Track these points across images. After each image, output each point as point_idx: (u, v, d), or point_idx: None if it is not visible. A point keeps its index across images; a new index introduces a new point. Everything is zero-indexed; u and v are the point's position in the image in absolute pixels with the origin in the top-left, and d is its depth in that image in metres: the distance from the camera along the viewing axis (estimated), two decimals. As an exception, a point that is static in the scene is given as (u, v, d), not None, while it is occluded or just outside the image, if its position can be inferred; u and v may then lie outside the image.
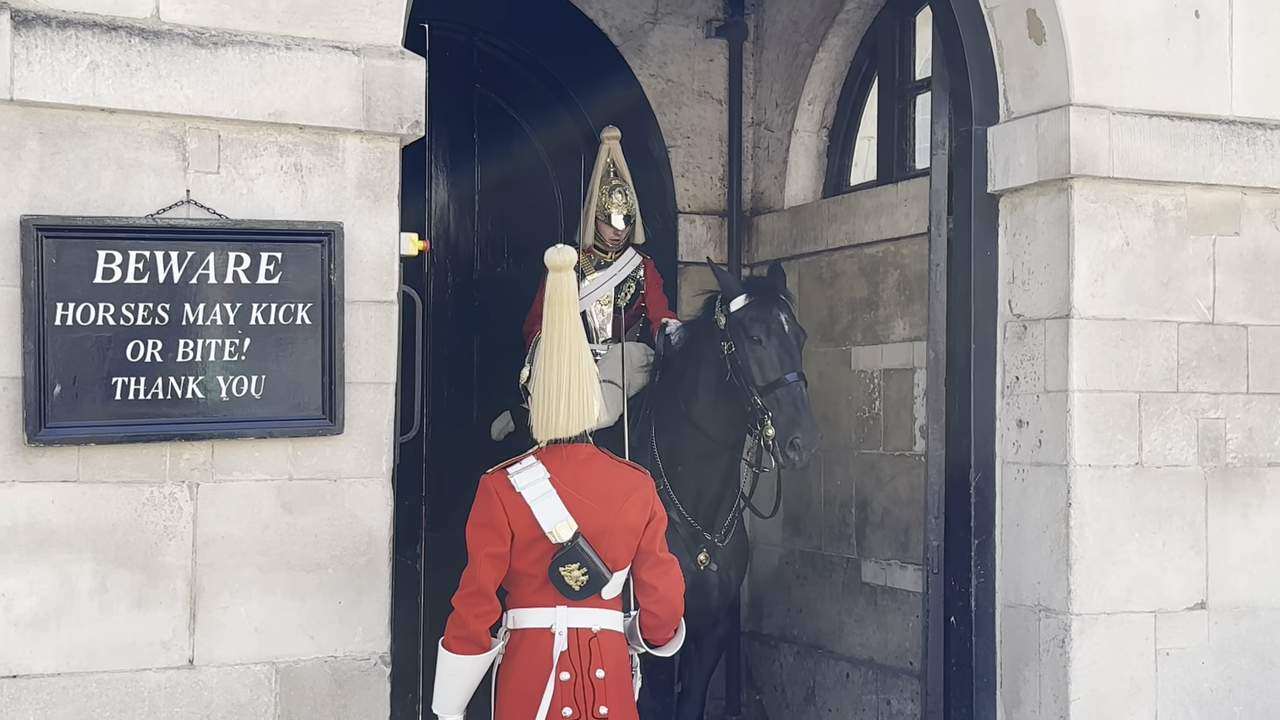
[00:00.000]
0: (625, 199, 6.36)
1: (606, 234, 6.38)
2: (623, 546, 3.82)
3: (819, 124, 7.42)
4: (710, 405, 5.69)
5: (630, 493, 3.86)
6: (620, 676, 3.86)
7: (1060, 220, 5.19)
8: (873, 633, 6.72)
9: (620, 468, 3.95)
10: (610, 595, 3.85)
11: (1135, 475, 5.20)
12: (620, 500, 3.83)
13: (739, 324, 5.59)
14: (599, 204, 6.35)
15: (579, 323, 3.87)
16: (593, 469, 3.85)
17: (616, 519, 3.80)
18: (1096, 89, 5.17)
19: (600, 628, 3.83)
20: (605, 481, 3.84)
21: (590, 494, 3.80)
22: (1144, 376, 5.22)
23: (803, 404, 5.49)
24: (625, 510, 3.83)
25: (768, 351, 5.54)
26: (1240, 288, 5.37)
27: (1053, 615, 5.17)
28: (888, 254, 6.74)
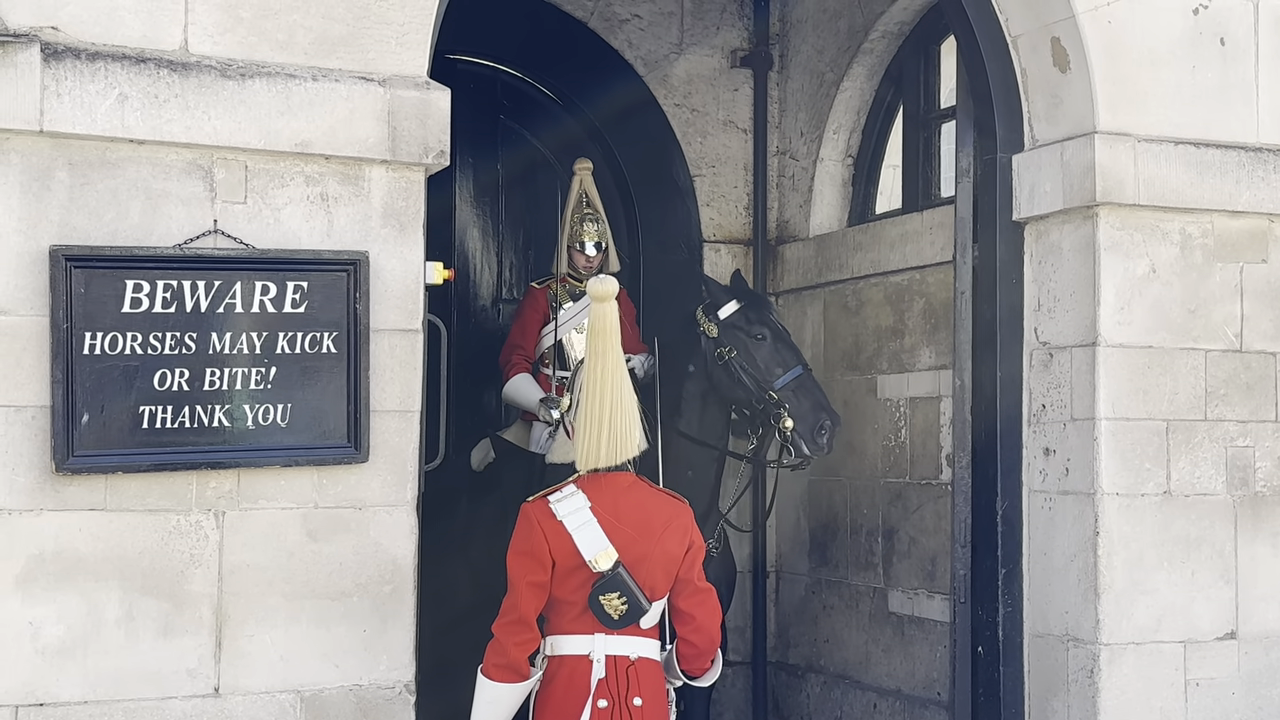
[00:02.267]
0: (597, 227, 6.45)
1: (579, 262, 6.44)
2: (662, 575, 3.83)
3: (844, 153, 7.43)
4: (698, 417, 5.83)
5: (670, 521, 3.87)
6: (657, 705, 3.85)
7: (1086, 248, 5.18)
8: (900, 663, 6.67)
9: (659, 496, 3.94)
10: (648, 624, 3.86)
11: (1163, 504, 5.17)
12: (660, 529, 3.84)
13: (736, 328, 5.79)
14: (571, 233, 6.44)
15: (620, 353, 3.88)
16: (632, 497, 3.85)
17: (655, 547, 3.81)
18: (1122, 116, 5.16)
19: (638, 656, 3.83)
20: (644, 510, 3.85)
21: (630, 522, 3.80)
22: (1171, 405, 5.19)
23: (819, 392, 5.77)
24: (665, 539, 3.83)
25: (773, 348, 5.77)
26: (1268, 315, 5.34)
27: (1081, 645, 5.13)
28: (913, 282, 6.73)
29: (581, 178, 6.52)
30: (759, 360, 5.74)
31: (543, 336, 6.44)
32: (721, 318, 5.86)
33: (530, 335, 6.45)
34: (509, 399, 6.43)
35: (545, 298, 6.46)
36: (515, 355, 6.41)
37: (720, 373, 5.83)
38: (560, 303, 6.45)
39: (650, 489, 3.93)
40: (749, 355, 5.75)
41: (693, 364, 5.92)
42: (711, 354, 5.82)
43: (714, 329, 5.83)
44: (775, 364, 5.73)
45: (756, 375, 5.72)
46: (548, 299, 6.44)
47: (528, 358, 6.43)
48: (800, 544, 7.35)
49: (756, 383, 5.73)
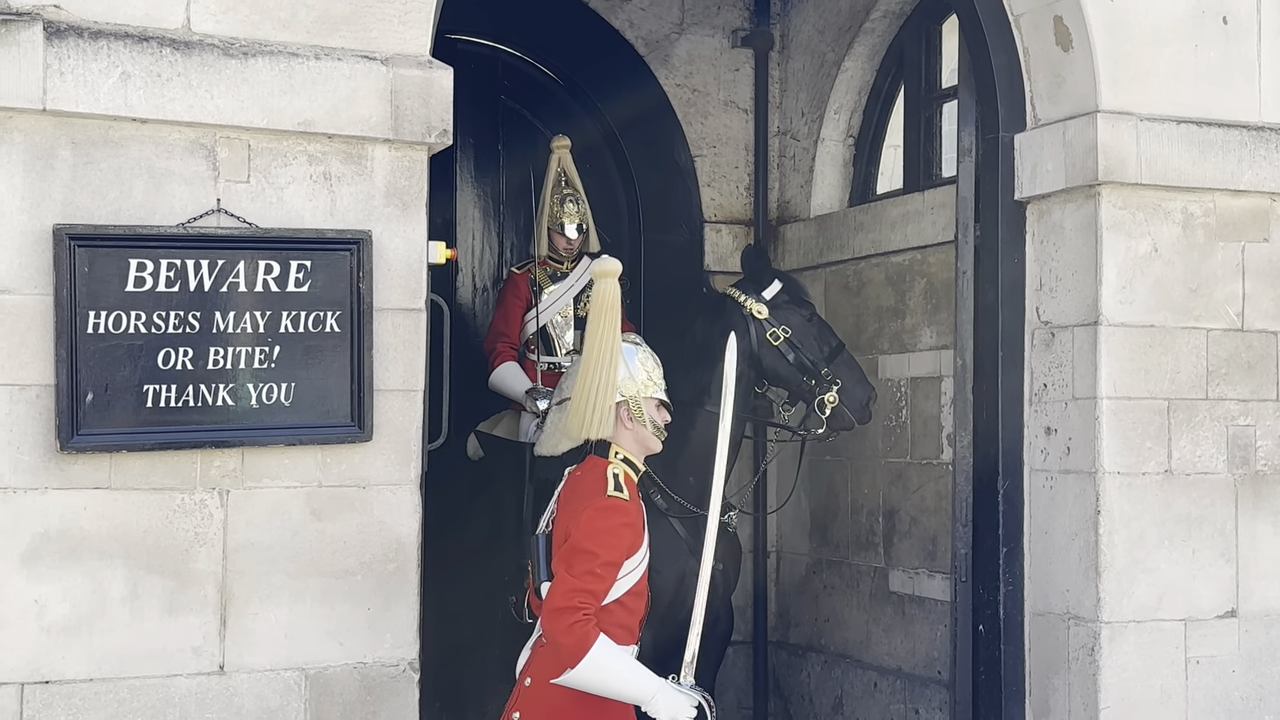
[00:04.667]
0: (578, 208, 6.39)
1: (560, 244, 6.40)
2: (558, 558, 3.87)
3: (845, 133, 7.42)
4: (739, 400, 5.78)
5: (573, 507, 3.92)
6: (550, 691, 3.82)
7: (1088, 227, 5.18)
8: (900, 642, 6.70)
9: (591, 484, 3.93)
10: None
11: (1164, 483, 5.18)
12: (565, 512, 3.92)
13: (786, 307, 5.73)
14: (551, 214, 6.38)
15: (617, 331, 3.93)
16: (581, 478, 4.01)
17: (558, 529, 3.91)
18: (1124, 95, 5.16)
19: (545, 639, 3.89)
20: (574, 492, 3.97)
21: (566, 501, 3.97)
22: (1173, 384, 5.20)
23: (858, 366, 5.88)
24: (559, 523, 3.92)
25: (820, 326, 5.83)
26: (1270, 294, 5.34)
27: (1082, 623, 5.15)
28: (914, 262, 6.73)
29: (559, 156, 6.44)
30: (811, 338, 5.73)
31: (526, 323, 6.41)
32: (768, 298, 5.76)
33: (514, 322, 6.41)
34: (496, 388, 6.38)
35: (526, 283, 6.41)
36: (500, 343, 6.37)
37: (770, 353, 5.74)
38: (542, 287, 6.41)
39: (595, 477, 3.94)
40: (803, 334, 5.71)
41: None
42: (762, 335, 5.75)
43: (763, 309, 5.75)
44: (822, 341, 5.76)
45: (810, 353, 5.70)
46: (529, 284, 6.40)
47: (513, 345, 6.40)
48: (801, 524, 7.37)
49: (810, 360, 5.70)
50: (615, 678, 3.77)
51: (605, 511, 3.82)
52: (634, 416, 4.03)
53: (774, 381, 5.89)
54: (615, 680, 3.77)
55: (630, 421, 4.04)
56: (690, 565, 5.91)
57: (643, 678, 3.81)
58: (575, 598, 3.73)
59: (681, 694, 3.84)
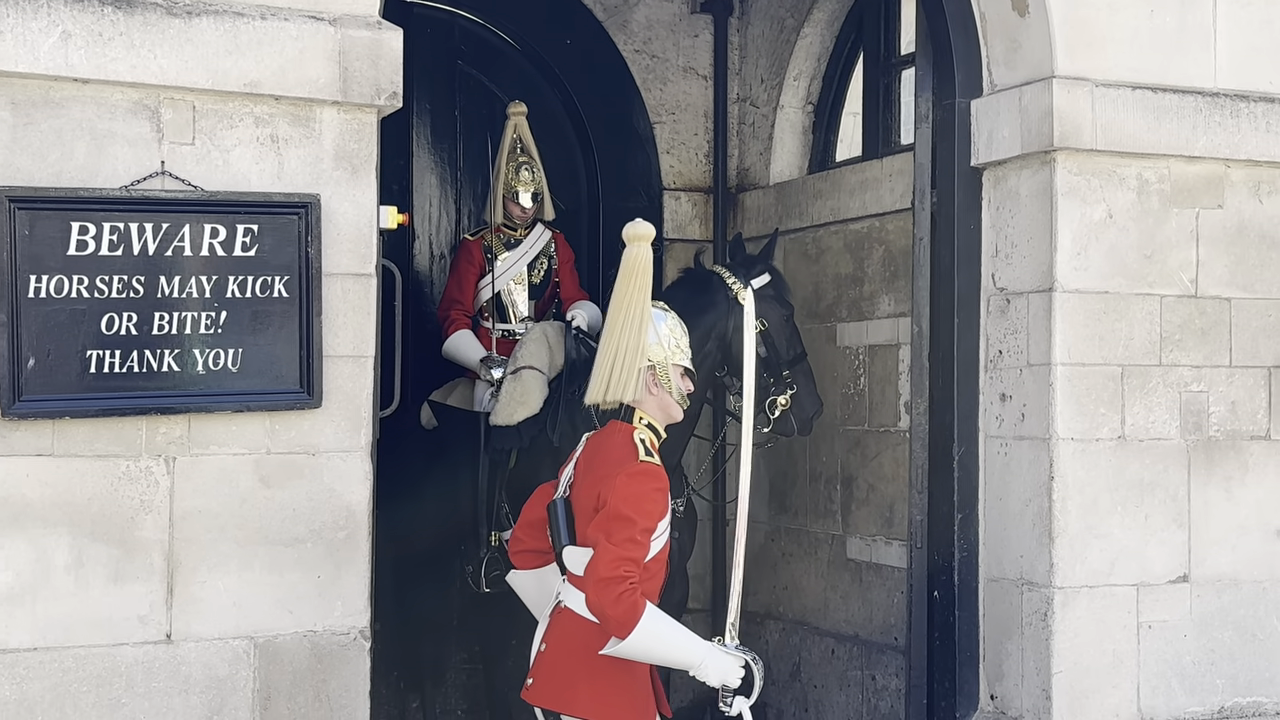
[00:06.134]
0: (533, 176, 6.36)
1: (514, 212, 6.37)
2: (584, 523, 3.84)
3: (804, 100, 7.39)
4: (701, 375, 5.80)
5: (599, 473, 3.85)
6: (565, 657, 3.81)
7: (1043, 193, 5.18)
8: (858, 608, 6.71)
9: (616, 450, 3.87)
10: (576, 569, 3.85)
11: (1118, 449, 5.19)
12: (590, 479, 3.86)
13: (770, 301, 5.74)
14: (506, 182, 6.34)
15: (647, 297, 3.89)
16: (603, 444, 3.93)
17: (581, 495, 3.87)
18: (1080, 61, 5.15)
19: (566, 604, 3.89)
20: (596, 458, 3.91)
21: (587, 467, 3.90)
22: (1127, 350, 5.21)
23: (813, 378, 5.89)
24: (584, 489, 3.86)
25: (792, 328, 5.85)
26: (1223, 261, 5.35)
27: (1035, 589, 5.16)
28: (873, 230, 6.72)
29: (515, 122, 6.40)
30: (784, 338, 5.77)
31: (480, 289, 6.37)
32: (756, 287, 5.74)
33: (467, 289, 6.37)
34: (449, 356, 6.35)
35: (479, 249, 6.37)
36: (454, 310, 6.34)
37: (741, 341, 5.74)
38: (496, 254, 6.37)
39: (622, 442, 3.88)
40: (778, 332, 5.74)
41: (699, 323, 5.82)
42: (740, 322, 5.72)
43: (749, 297, 5.75)
44: (792, 345, 5.80)
45: (779, 352, 5.73)
46: (482, 250, 6.36)
47: (466, 312, 6.36)
48: (760, 492, 7.36)
49: (777, 360, 5.73)
50: (666, 645, 3.73)
51: (639, 477, 3.77)
52: (660, 382, 3.98)
53: (735, 370, 5.88)
54: (665, 647, 3.74)
55: (656, 387, 3.98)
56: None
57: (692, 643, 3.78)
58: (620, 567, 3.66)
59: (730, 656, 3.83)
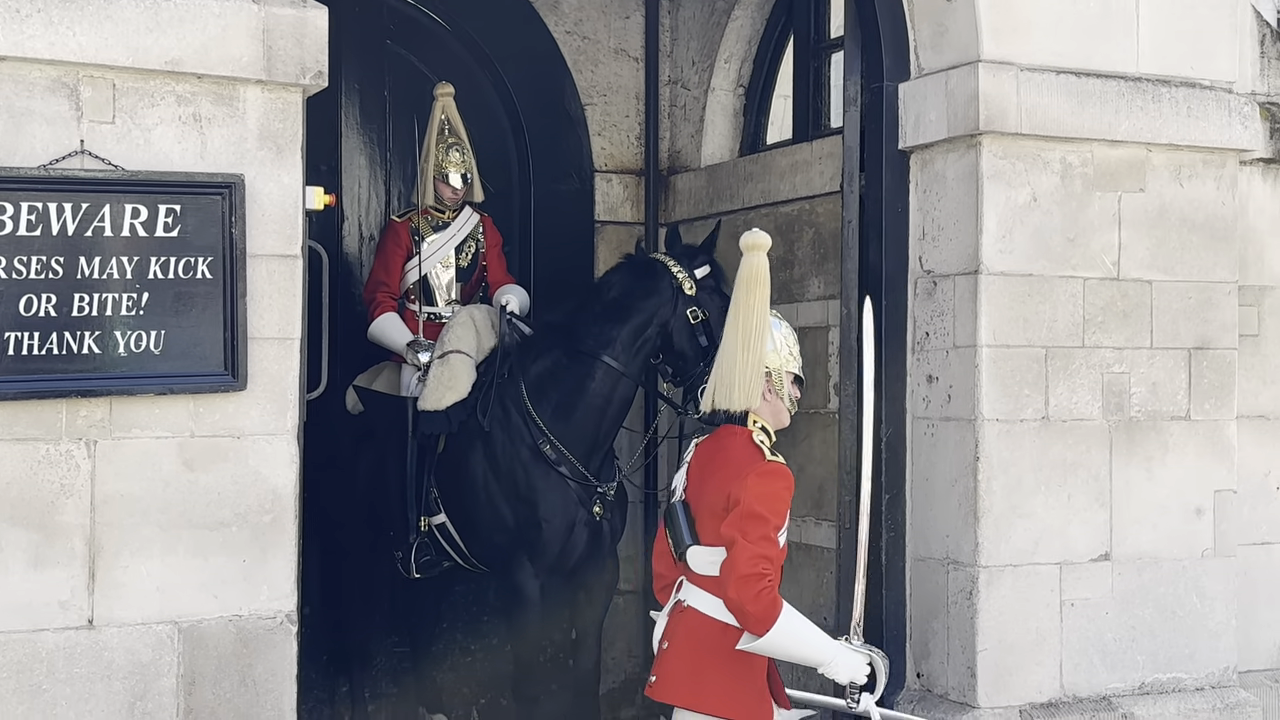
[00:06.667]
0: (463, 157, 6.34)
1: (445, 193, 6.34)
2: (709, 521, 3.86)
3: (735, 82, 7.40)
4: (627, 362, 5.89)
5: (723, 474, 3.86)
6: (689, 656, 3.82)
7: (969, 177, 5.22)
8: (788, 589, 6.66)
9: (739, 451, 3.90)
10: (701, 569, 3.85)
11: (1042, 429, 5.26)
12: (713, 479, 3.88)
13: (711, 291, 5.82)
14: (436, 163, 6.31)
15: (765, 307, 3.95)
16: (720, 447, 3.94)
17: (705, 495, 3.89)
18: (1005, 45, 5.19)
19: (689, 604, 3.87)
20: (716, 459, 3.92)
21: (705, 468, 3.93)
22: (1050, 332, 5.27)
23: None
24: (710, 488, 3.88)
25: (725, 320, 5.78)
26: (1145, 244, 5.43)
27: (961, 568, 5.23)
28: (803, 212, 6.75)
29: (443, 103, 6.37)
30: (717, 329, 5.74)
31: (407, 272, 6.33)
32: (698, 277, 5.86)
33: (394, 271, 6.33)
34: (375, 339, 6.32)
35: (407, 231, 6.32)
36: (380, 293, 6.30)
37: (684, 329, 5.84)
38: (423, 236, 6.33)
39: (743, 444, 3.91)
40: (717, 322, 5.73)
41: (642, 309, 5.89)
42: (683, 310, 5.83)
43: (692, 286, 5.83)
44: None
45: (709, 343, 5.77)
46: (409, 232, 6.31)
47: (393, 295, 6.33)
48: (691, 474, 7.39)
49: (707, 350, 5.76)
50: (800, 642, 3.79)
51: (769, 476, 3.82)
52: (774, 389, 4.02)
53: (673, 357, 5.94)
54: (799, 645, 3.80)
55: (770, 394, 4.01)
56: (580, 515, 5.96)
57: (824, 641, 3.85)
58: (758, 564, 3.70)
59: (857, 653, 3.90)
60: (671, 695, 3.86)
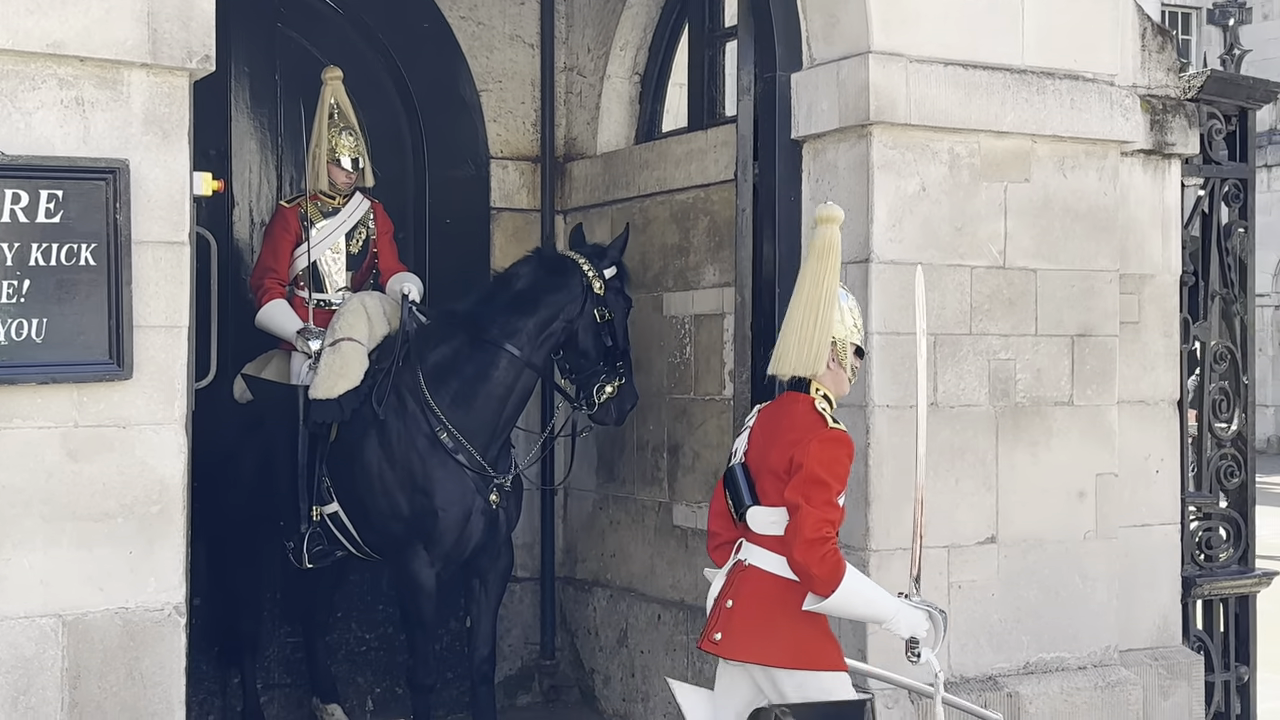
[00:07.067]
0: (354, 141, 6.30)
1: (338, 177, 6.29)
2: (770, 484, 4.05)
3: (631, 70, 7.41)
4: (529, 354, 5.95)
5: (785, 438, 4.05)
6: (755, 613, 4.00)
7: (860, 166, 5.29)
8: (684, 574, 6.80)
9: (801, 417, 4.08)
10: (761, 530, 4.07)
11: (930, 415, 5.32)
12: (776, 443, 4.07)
13: (617, 293, 6.00)
14: (328, 146, 6.26)
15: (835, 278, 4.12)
16: (783, 413, 4.14)
17: (768, 458, 4.07)
18: (895, 37, 5.27)
19: (750, 563, 4.07)
20: (779, 424, 4.11)
21: (766, 432, 4.14)
22: (939, 319, 5.36)
23: (633, 374, 6.10)
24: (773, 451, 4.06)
25: (626, 324, 6.06)
26: (1030, 233, 5.54)
27: (852, 552, 5.29)
28: (698, 200, 6.79)
29: (332, 87, 6.31)
30: (623, 330, 6.01)
31: (296, 258, 6.26)
32: (607, 277, 5.99)
33: (282, 257, 6.25)
34: (263, 327, 6.23)
35: (296, 217, 6.24)
36: (268, 279, 6.22)
37: (589, 328, 5.94)
38: (312, 222, 6.25)
39: (805, 410, 4.09)
40: (620, 323, 5.99)
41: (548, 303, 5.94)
42: (590, 309, 5.93)
43: (601, 286, 5.95)
44: (625, 337, 6.03)
45: (613, 343, 5.93)
46: (298, 218, 6.24)
47: (281, 281, 6.25)
48: (588, 461, 7.40)
49: (615, 349, 5.95)
50: (863, 601, 3.99)
51: (832, 443, 4.00)
52: (838, 358, 4.17)
53: (575, 355, 6.02)
54: (862, 604, 4.01)
55: (833, 363, 4.17)
56: (477, 503, 5.96)
57: (885, 599, 4.04)
58: (822, 528, 3.91)
59: (917, 610, 4.07)
60: (741, 652, 4.03)
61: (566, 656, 7.46)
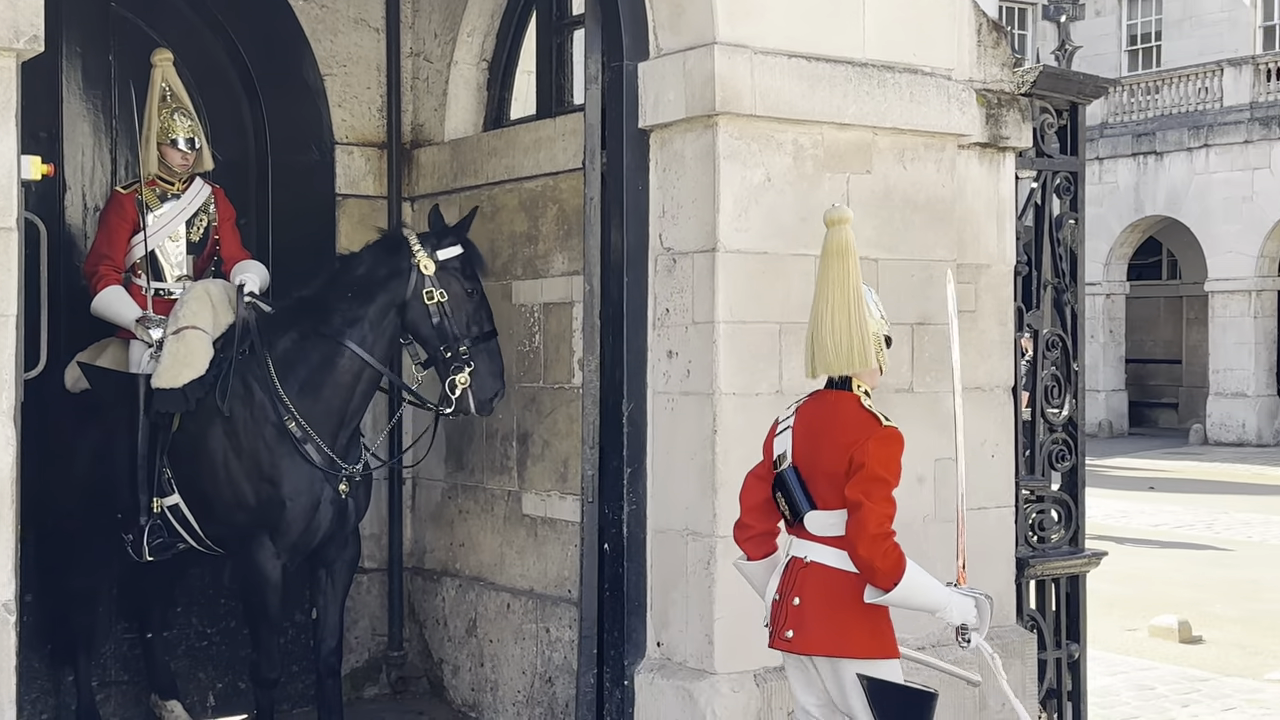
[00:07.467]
0: (189, 122, 6.18)
1: (174, 159, 6.16)
2: (826, 486, 4.16)
3: (478, 56, 7.36)
4: (372, 341, 5.86)
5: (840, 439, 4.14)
6: (823, 608, 4.14)
7: (707, 156, 5.34)
8: (533, 563, 6.80)
9: (852, 416, 4.19)
10: (820, 531, 4.17)
11: (776, 402, 5.41)
12: (829, 444, 4.16)
13: (452, 274, 5.87)
14: (161, 128, 6.13)
15: (858, 278, 4.19)
16: (829, 413, 4.23)
17: (821, 460, 4.16)
18: (740, 28, 5.32)
19: (810, 559, 4.19)
20: (830, 425, 4.19)
21: (814, 434, 4.20)
22: (784, 308, 5.44)
23: (500, 360, 5.99)
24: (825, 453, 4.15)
25: (479, 305, 5.92)
26: (872, 223, 5.65)
27: (699, 539, 5.36)
28: (547, 188, 6.77)
29: (162, 70, 6.17)
30: (464, 313, 5.87)
31: (132, 246, 6.10)
32: (440, 258, 5.88)
33: (117, 244, 6.08)
34: (99, 314, 6.05)
35: (132, 203, 6.08)
36: (103, 266, 6.05)
37: (418, 309, 5.85)
38: (150, 208, 6.10)
39: (853, 409, 4.20)
40: (457, 305, 5.86)
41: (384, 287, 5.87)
42: (419, 289, 5.84)
43: (430, 266, 5.84)
44: (475, 321, 5.89)
45: (456, 326, 5.83)
46: (135, 204, 6.08)
47: (117, 268, 6.08)
48: (437, 450, 7.33)
49: (453, 334, 5.83)
50: (921, 592, 4.15)
51: (888, 440, 4.15)
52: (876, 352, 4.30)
53: (415, 338, 5.94)
54: (920, 595, 4.16)
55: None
56: (326, 493, 5.89)
57: (940, 589, 4.20)
58: (884, 524, 4.07)
59: (966, 597, 4.24)
60: (815, 646, 4.18)
61: (415, 647, 7.40)
